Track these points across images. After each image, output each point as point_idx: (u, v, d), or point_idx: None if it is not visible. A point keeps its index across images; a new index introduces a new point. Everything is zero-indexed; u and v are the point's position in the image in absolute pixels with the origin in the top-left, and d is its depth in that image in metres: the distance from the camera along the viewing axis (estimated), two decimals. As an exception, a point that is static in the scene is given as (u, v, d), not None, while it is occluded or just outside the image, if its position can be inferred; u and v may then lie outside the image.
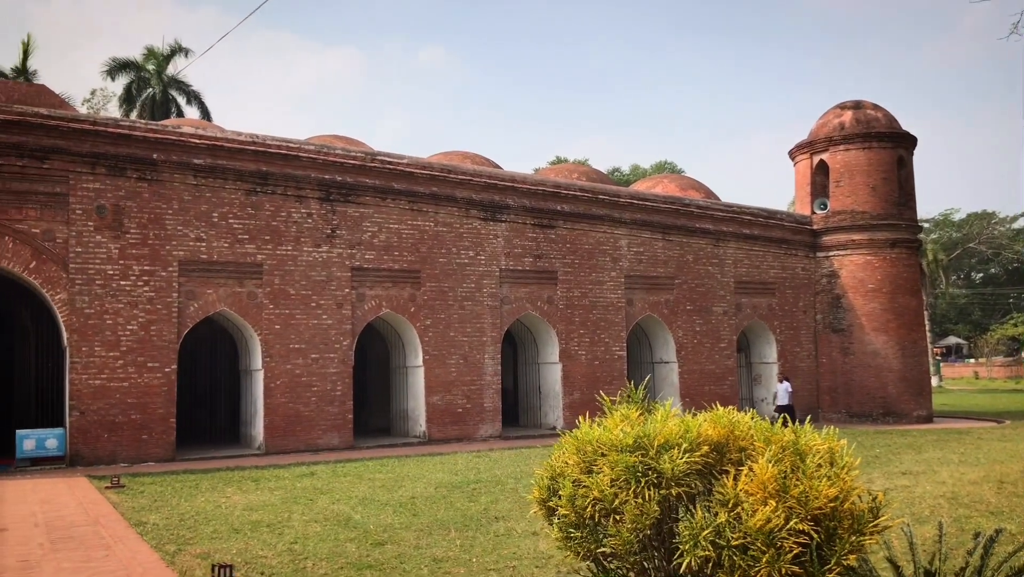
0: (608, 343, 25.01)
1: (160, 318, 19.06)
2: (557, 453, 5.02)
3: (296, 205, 20.87)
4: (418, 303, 22.29)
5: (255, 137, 20.50)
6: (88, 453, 18.22)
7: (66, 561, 9.18)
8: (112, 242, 18.73)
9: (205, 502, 13.10)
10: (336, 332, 21.07)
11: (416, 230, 22.34)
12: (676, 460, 4.45)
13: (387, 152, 22.48)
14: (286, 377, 20.42)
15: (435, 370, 22.37)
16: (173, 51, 40.89)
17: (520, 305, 23.81)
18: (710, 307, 27.08)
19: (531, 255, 24.00)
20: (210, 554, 9.41)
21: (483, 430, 22.87)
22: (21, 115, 17.93)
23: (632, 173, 57.25)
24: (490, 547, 9.71)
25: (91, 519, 11.76)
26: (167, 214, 19.33)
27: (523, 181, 24.47)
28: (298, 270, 20.72)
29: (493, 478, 15.30)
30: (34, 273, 18.16)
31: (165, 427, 18.96)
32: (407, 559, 9.16)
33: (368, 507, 12.42)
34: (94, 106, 43.14)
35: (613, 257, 25.32)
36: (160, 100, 40.23)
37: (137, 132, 19.29)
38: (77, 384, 18.25)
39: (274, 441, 20.18)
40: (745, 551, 4.17)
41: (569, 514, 4.64)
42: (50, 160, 18.25)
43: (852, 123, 28.85)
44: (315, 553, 9.47)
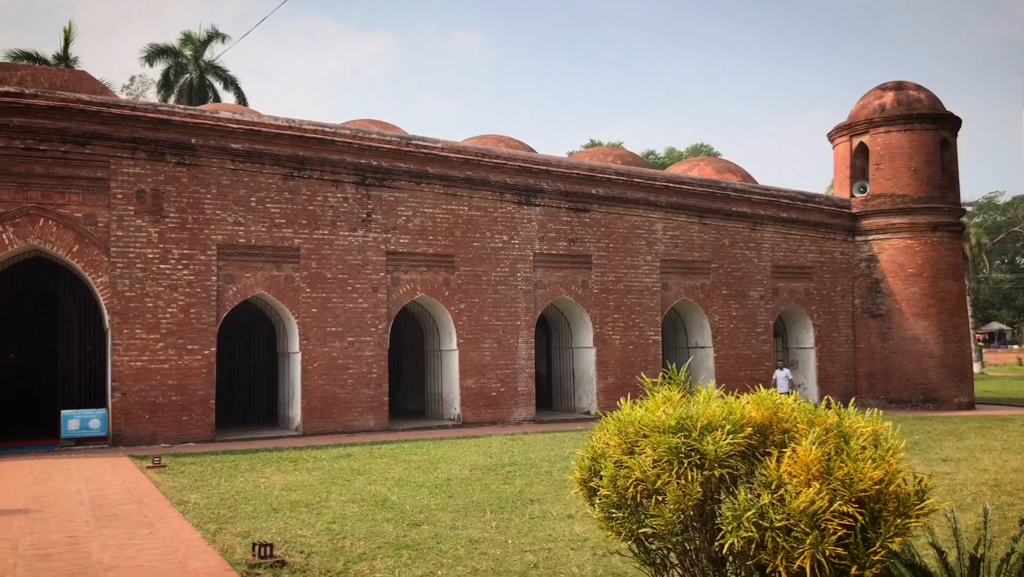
0: (643, 328, 24.90)
1: (199, 301, 19.32)
2: (598, 434, 5.00)
3: (332, 189, 20.99)
4: (452, 287, 22.35)
5: (291, 122, 20.63)
6: (130, 433, 18.57)
7: (111, 538, 9.37)
8: (152, 226, 19.00)
9: (245, 482, 13.29)
10: (372, 316, 21.21)
11: (450, 214, 22.37)
12: (719, 442, 4.42)
13: (422, 136, 22.51)
14: (323, 360, 20.62)
15: (469, 354, 22.45)
16: (210, 37, 41.23)
17: (554, 289, 23.77)
18: (747, 292, 26.83)
19: (565, 239, 23.92)
20: (250, 533, 9.55)
21: (517, 414, 22.93)
22: (63, 101, 18.20)
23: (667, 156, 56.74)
24: (525, 529, 9.75)
25: (134, 498, 11.99)
26: (206, 198, 19.55)
27: (557, 165, 24.37)
28: (334, 254, 20.87)
29: (527, 461, 15.34)
30: (77, 257, 18.49)
31: (205, 408, 19.26)
32: (443, 539, 9.22)
33: (404, 488, 12.52)
34: (133, 92, 43.69)
35: (648, 241, 25.15)
36: (197, 85, 40.60)
37: (176, 117, 19.50)
38: (119, 366, 18.59)
39: (311, 423, 20.41)
40: (788, 532, 4.13)
41: (611, 495, 4.62)
42: (91, 145, 18.53)
43: (893, 104, 28.30)
44: (353, 533, 9.57)
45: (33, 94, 18.01)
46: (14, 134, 17.84)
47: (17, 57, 35.28)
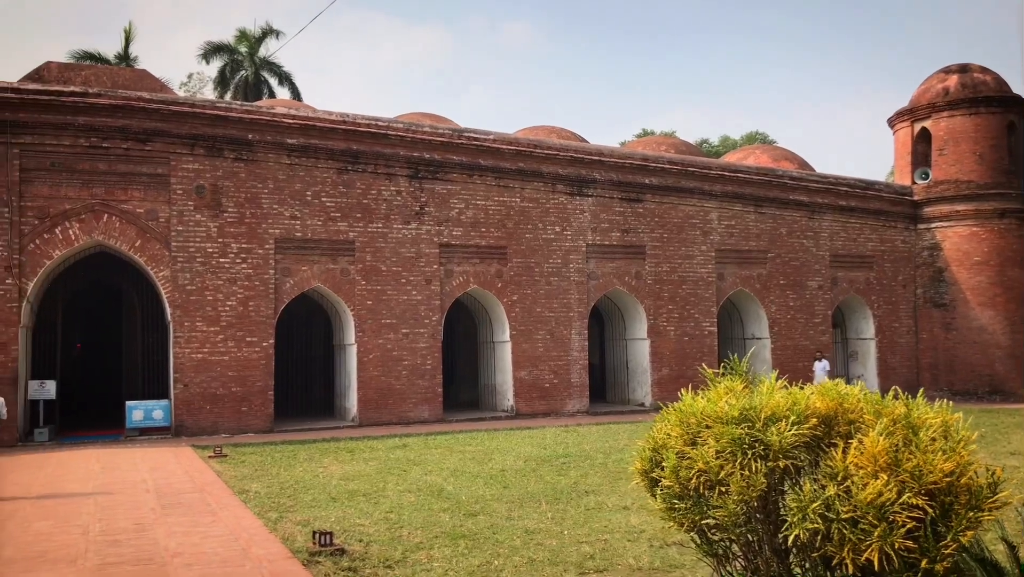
0: (698, 319, 24.63)
1: (258, 294, 19.67)
2: (659, 425, 4.95)
3: (386, 183, 21.16)
4: (505, 279, 22.37)
5: (345, 116, 20.83)
6: (191, 424, 19.01)
7: (176, 525, 9.60)
8: (211, 221, 19.38)
9: (303, 472, 13.50)
10: (425, 307, 21.36)
11: (502, 206, 22.39)
12: (784, 432, 4.33)
13: (473, 129, 22.54)
14: (378, 351, 20.83)
15: (522, 345, 22.46)
16: (264, 33, 41.85)
17: (607, 280, 23.64)
18: (804, 281, 26.34)
19: (618, 229, 23.76)
20: (310, 521, 9.69)
21: (570, 405, 22.88)
22: (125, 99, 18.65)
23: (722, 144, 55.95)
24: (581, 520, 9.72)
25: (197, 486, 12.26)
26: (263, 193, 19.87)
27: (610, 155, 24.20)
28: (388, 247, 21.05)
29: (582, 453, 15.30)
30: (139, 251, 18.95)
31: (264, 399, 19.61)
32: (499, 530, 9.24)
33: (460, 479, 12.59)
34: (191, 89, 44.57)
35: (703, 231, 24.85)
36: (253, 82, 41.26)
37: (233, 113, 19.84)
38: (180, 358, 19.03)
39: (367, 413, 20.65)
40: (855, 524, 4.03)
41: (673, 485, 4.57)
42: (152, 142, 18.96)
43: (957, 88, 27.46)
44: (410, 522, 9.65)
45: (96, 93, 18.49)
46: (79, 133, 18.35)
47: (80, 58, 36.27)
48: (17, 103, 17.88)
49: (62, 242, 18.35)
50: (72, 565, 7.94)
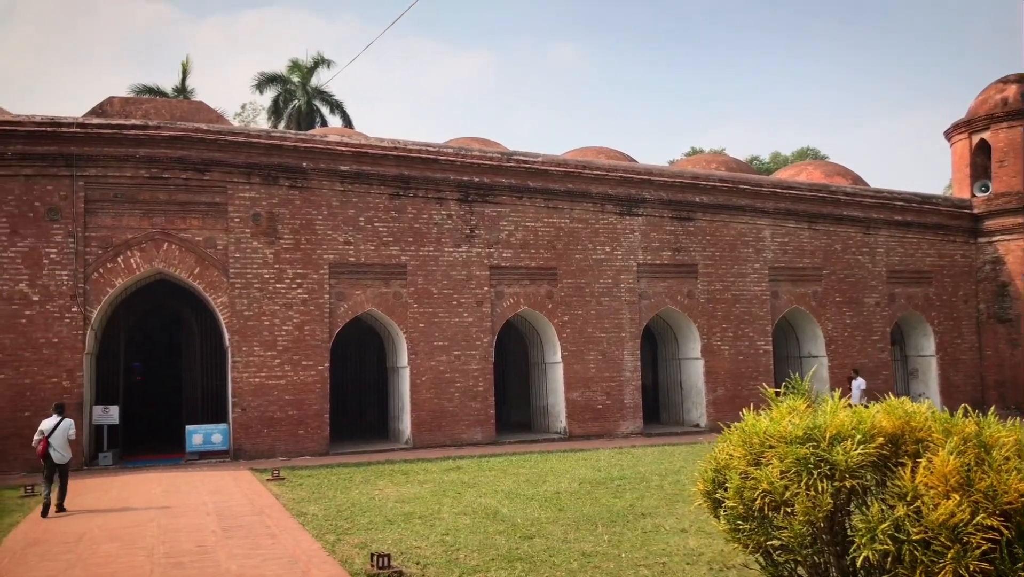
0: (752, 337, 24.29)
1: (313, 319, 19.96)
2: (721, 445, 4.90)
3: (436, 207, 21.37)
4: (555, 300, 22.37)
5: (396, 143, 21.13)
6: (249, 447, 19.30)
7: (237, 548, 9.74)
8: (267, 247, 19.77)
9: (359, 494, 13.60)
10: (476, 329, 21.44)
11: (552, 227, 22.43)
12: (850, 452, 4.25)
13: (522, 151, 22.68)
14: (431, 373, 20.95)
15: (574, 366, 22.38)
16: (316, 63, 42.72)
17: (659, 300, 23.48)
18: (861, 298, 25.82)
19: (669, 248, 23.62)
20: (367, 544, 9.76)
21: (624, 427, 22.69)
22: (183, 131, 19.18)
23: (772, 161, 55.34)
24: (638, 543, 9.62)
25: (256, 509, 12.43)
26: (317, 219, 20.21)
27: (659, 173, 24.10)
28: (439, 270, 21.22)
29: (637, 475, 15.15)
30: (198, 278, 19.40)
31: (320, 422, 19.84)
32: (556, 553, 9.20)
33: (514, 501, 12.56)
34: (245, 119, 45.67)
35: (756, 248, 24.56)
36: (305, 111, 42.10)
37: (288, 142, 20.26)
38: (238, 382, 19.37)
39: (421, 435, 20.75)
40: (927, 546, 3.93)
41: (737, 506, 4.51)
42: (210, 172, 19.45)
43: (1016, 98, 26.81)
44: (466, 544, 9.65)
45: (156, 125, 19.05)
46: (140, 164, 18.91)
47: (141, 92, 37.42)
48: (83, 137, 18.51)
49: (124, 270, 18.87)
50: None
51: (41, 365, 18.07)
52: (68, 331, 18.29)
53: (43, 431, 13.31)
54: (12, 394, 17.85)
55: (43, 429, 13.34)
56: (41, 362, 18.08)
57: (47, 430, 13.27)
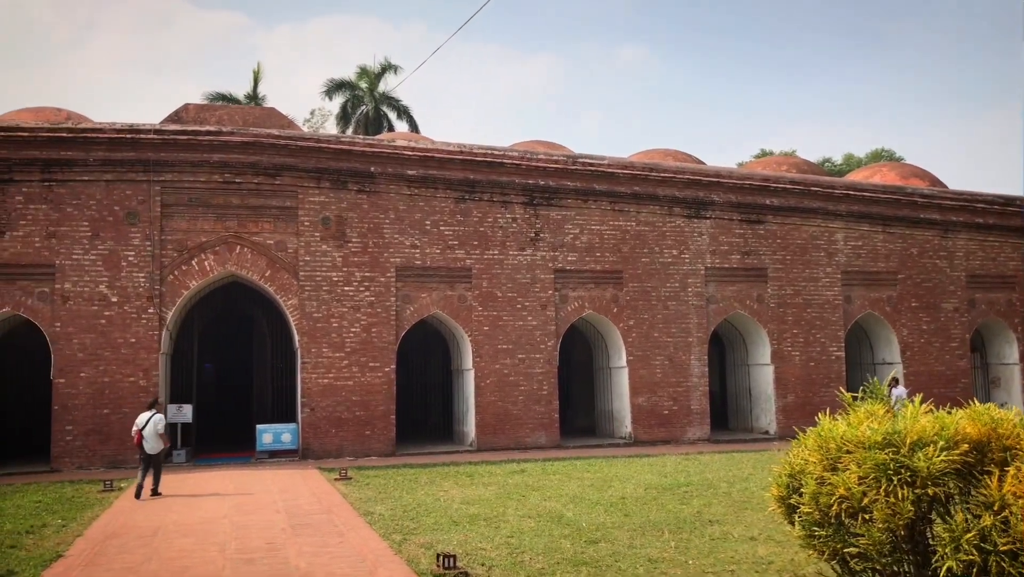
0: (824, 343, 23.70)
1: (380, 321, 20.20)
2: (796, 450, 4.76)
3: (501, 210, 21.42)
4: (621, 304, 22.19)
5: (463, 147, 21.26)
6: (317, 447, 19.61)
7: (306, 545, 9.89)
8: (336, 251, 20.09)
9: (425, 495, 13.69)
10: (541, 333, 21.40)
11: (618, 230, 22.27)
12: (932, 458, 4.08)
13: (588, 154, 22.57)
14: (495, 376, 20.99)
15: (639, 371, 22.16)
16: (384, 69, 43.28)
17: (727, 304, 23.09)
18: (938, 304, 24.98)
19: (738, 252, 23.22)
20: (432, 544, 9.80)
21: (690, 433, 22.37)
22: (256, 136, 19.63)
23: (845, 163, 53.99)
24: (706, 550, 9.45)
25: (324, 508, 12.61)
26: (384, 223, 20.46)
27: (728, 176, 23.73)
28: (504, 273, 21.26)
29: (704, 481, 14.91)
30: (269, 281, 19.82)
31: (386, 423, 20.06)
32: (622, 558, 9.09)
33: (579, 505, 12.47)
34: (313, 125, 46.48)
35: (828, 252, 23.97)
36: (373, 116, 42.68)
37: (356, 147, 20.57)
38: (307, 383, 19.71)
39: (485, 438, 20.80)
40: (1015, 558, 3.75)
41: (812, 512, 4.38)
42: (281, 176, 19.87)
43: (1106, 94, 25.61)
44: (531, 547, 9.61)
45: (230, 131, 19.54)
46: (214, 169, 19.42)
47: (214, 99, 38.45)
48: (159, 143, 19.10)
49: (198, 273, 19.39)
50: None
51: (119, 364, 18.68)
52: (145, 331, 18.87)
53: (138, 424, 14.51)
54: (92, 392, 18.49)
55: (138, 423, 14.56)
56: (119, 361, 18.69)
57: (141, 424, 14.45)
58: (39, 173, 18.64)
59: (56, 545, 10.23)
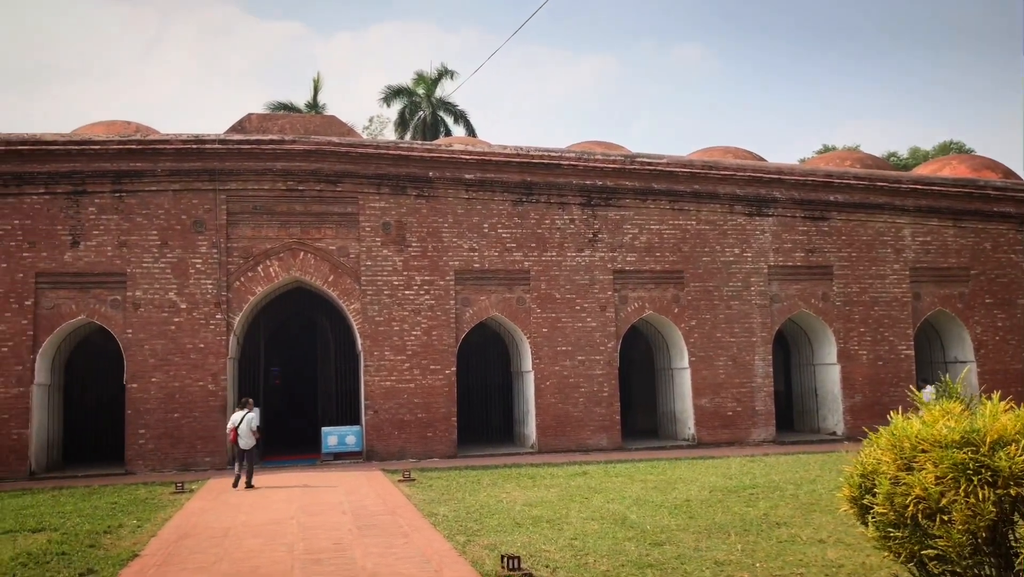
0: (892, 341, 23.09)
1: (440, 324, 20.36)
2: (868, 450, 4.64)
3: (559, 212, 21.40)
4: (682, 304, 21.96)
5: (519, 149, 21.30)
6: (381, 449, 19.84)
7: (372, 546, 10.00)
8: (396, 255, 20.32)
9: (487, 497, 13.73)
10: (600, 334, 21.30)
11: (678, 230, 22.04)
12: (1015, 457, 3.94)
13: (646, 153, 22.39)
14: (555, 378, 20.96)
15: (702, 372, 21.89)
16: (440, 74, 43.61)
17: (792, 303, 22.67)
18: (1014, 300, 24.10)
19: (802, 249, 22.78)
20: (496, 546, 9.82)
21: (755, 434, 22.01)
22: (317, 144, 19.97)
23: (912, 157, 52.55)
24: (773, 553, 9.28)
25: (389, 509, 12.75)
26: (443, 227, 20.62)
27: (790, 172, 23.30)
28: (562, 275, 21.22)
29: (770, 483, 14.65)
30: (332, 286, 20.14)
31: (447, 425, 20.19)
32: (687, 560, 8.98)
33: (643, 508, 12.37)
34: (372, 132, 47.08)
35: (895, 248, 23.36)
36: (430, 122, 43.04)
37: (415, 153, 20.77)
38: (370, 385, 19.97)
39: (546, 440, 20.78)
40: (1105, 563, 3.60)
41: (887, 513, 4.26)
42: (342, 183, 20.17)
43: None
44: (595, 550, 9.57)
45: (292, 140, 19.92)
46: (277, 177, 19.82)
47: (276, 108, 39.24)
48: (224, 152, 19.57)
49: (263, 279, 19.81)
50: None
51: (188, 369, 19.18)
52: (213, 337, 19.33)
53: (233, 422, 16.11)
54: (163, 396, 19.02)
55: (233, 421, 16.15)
56: (189, 366, 19.19)
57: (236, 422, 16.02)
58: (110, 184, 19.26)
59: (132, 545, 10.54)
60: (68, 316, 18.96)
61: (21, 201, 18.93)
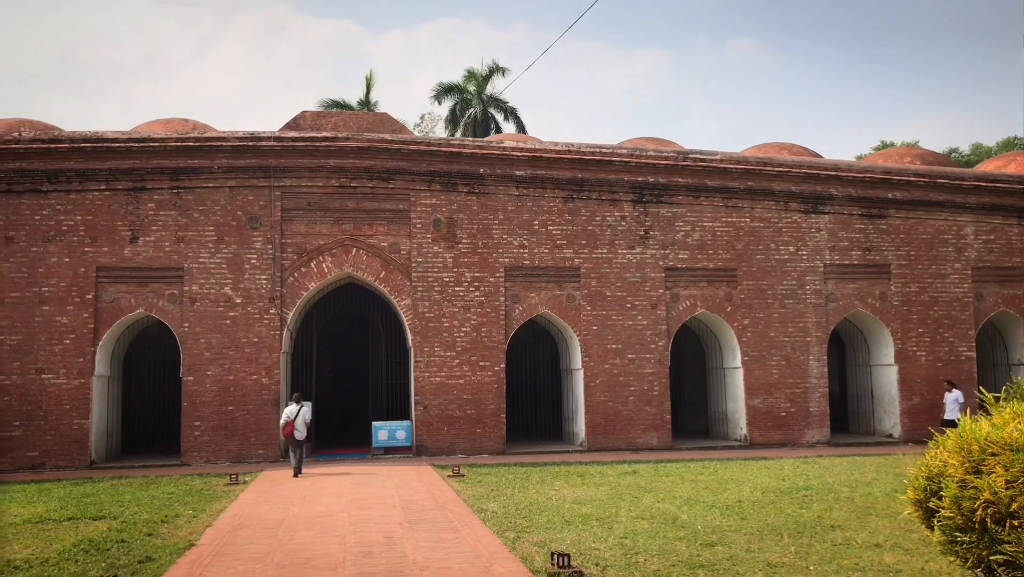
0: (953, 343, 22.49)
1: (489, 320, 20.39)
2: (933, 452, 4.51)
3: (610, 209, 21.27)
4: (735, 302, 21.66)
5: (570, 146, 21.22)
6: (430, 444, 19.96)
7: (422, 540, 10.06)
8: (447, 252, 20.40)
9: (536, 494, 13.71)
10: (651, 332, 21.13)
11: (731, 227, 21.75)
12: (1090, 462, 3.79)
13: (699, 149, 22.14)
14: (605, 376, 20.85)
15: (755, 372, 21.58)
16: (491, 71, 43.65)
17: (848, 302, 22.21)
18: (1082, 301, 23.29)
19: (859, 248, 22.30)
20: (545, 543, 9.80)
21: (809, 435, 21.62)
22: (370, 141, 20.15)
23: (974, 152, 51.13)
24: (828, 556, 9.10)
25: (439, 504, 12.81)
26: (493, 224, 20.65)
27: (847, 169, 22.83)
28: (613, 272, 21.10)
29: (824, 486, 14.38)
30: (383, 282, 20.31)
31: (496, 422, 20.22)
32: (739, 562, 8.86)
33: (694, 508, 12.24)
34: (423, 129, 47.32)
35: (956, 247, 22.74)
36: (481, 119, 43.12)
37: (466, 150, 20.83)
38: (420, 381, 20.10)
39: (595, 438, 20.69)
40: None
41: (954, 517, 4.13)
42: (394, 180, 20.32)
43: None
44: (645, 549, 9.49)
45: (345, 137, 20.12)
46: (331, 174, 20.05)
47: (328, 106, 39.69)
48: (279, 150, 19.85)
49: (316, 275, 20.06)
50: (333, 572, 8.54)
51: (243, 363, 19.51)
52: (267, 331, 19.64)
53: (288, 415, 17.02)
54: (218, 389, 19.38)
55: (288, 414, 17.05)
56: (243, 360, 19.52)
57: (291, 415, 16.96)
58: (168, 181, 19.68)
59: (188, 534, 10.75)
60: (127, 310, 19.43)
61: (83, 197, 19.44)
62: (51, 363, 18.94)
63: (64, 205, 19.38)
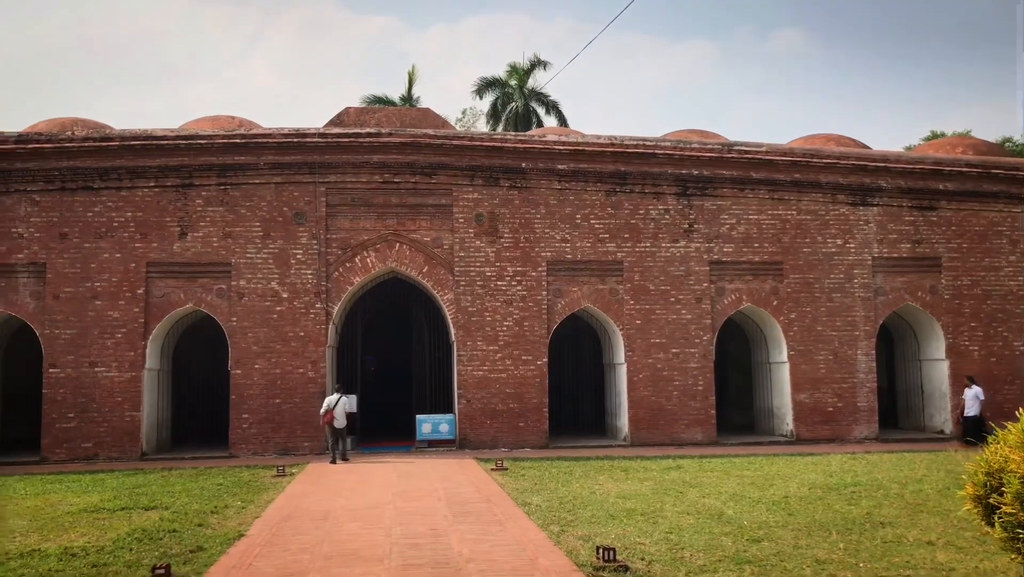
0: (1007, 337, 21.94)
1: (532, 315, 20.40)
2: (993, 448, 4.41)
3: (653, 202, 21.12)
4: (781, 296, 21.39)
5: (613, 139, 21.10)
6: (473, 437, 20.04)
7: (468, 533, 10.11)
8: (489, 246, 20.44)
9: (580, 488, 13.70)
10: (696, 327, 20.95)
11: (777, 220, 21.47)
12: None
13: (744, 142, 21.86)
14: (648, 371, 20.73)
15: (801, 366, 21.28)
16: (532, 65, 43.55)
17: (897, 296, 21.80)
18: None
19: (909, 240, 21.86)
20: (590, 537, 9.79)
21: (857, 431, 21.28)
22: (412, 137, 20.25)
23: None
24: (878, 553, 8.96)
25: (483, 497, 12.86)
26: (535, 218, 20.63)
27: (896, 160, 22.38)
28: (656, 266, 20.95)
29: (873, 482, 14.14)
30: (426, 276, 20.43)
31: (539, 416, 20.23)
32: (787, 557, 8.77)
33: (740, 503, 12.13)
34: (465, 124, 47.40)
35: (1011, 239, 22.16)
36: (522, 113, 43.05)
37: (508, 144, 20.83)
38: (463, 375, 20.18)
39: (638, 433, 20.59)
40: None
41: (1017, 513, 4.04)
42: (436, 175, 20.41)
43: None
44: (691, 544, 9.43)
45: (388, 133, 20.25)
46: (374, 170, 20.19)
47: (371, 102, 39.96)
48: (324, 146, 20.06)
49: (361, 269, 20.24)
50: (380, 564, 8.63)
51: (289, 357, 19.77)
52: (313, 325, 19.87)
53: (328, 404, 17.79)
54: (265, 383, 19.67)
55: (328, 404, 17.82)
56: (289, 354, 19.78)
57: (331, 404, 17.72)
58: (216, 177, 19.99)
59: (238, 525, 10.94)
60: (177, 304, 19.80)
61: (133, 194, 19.84)
62: (103, 356, 19.38)
63: (115, 202, 19.79)
